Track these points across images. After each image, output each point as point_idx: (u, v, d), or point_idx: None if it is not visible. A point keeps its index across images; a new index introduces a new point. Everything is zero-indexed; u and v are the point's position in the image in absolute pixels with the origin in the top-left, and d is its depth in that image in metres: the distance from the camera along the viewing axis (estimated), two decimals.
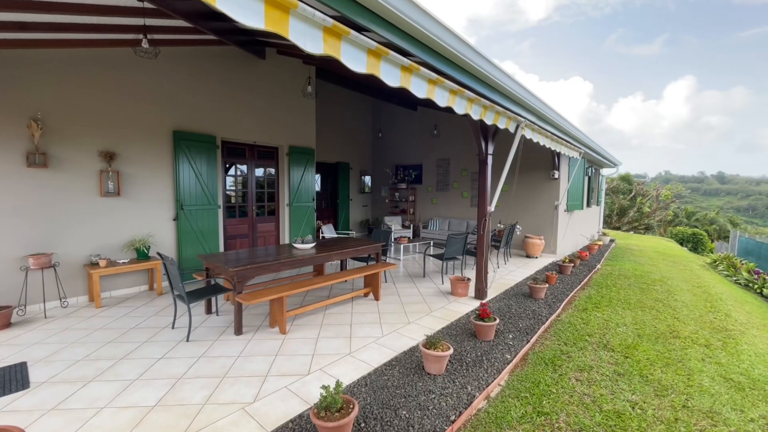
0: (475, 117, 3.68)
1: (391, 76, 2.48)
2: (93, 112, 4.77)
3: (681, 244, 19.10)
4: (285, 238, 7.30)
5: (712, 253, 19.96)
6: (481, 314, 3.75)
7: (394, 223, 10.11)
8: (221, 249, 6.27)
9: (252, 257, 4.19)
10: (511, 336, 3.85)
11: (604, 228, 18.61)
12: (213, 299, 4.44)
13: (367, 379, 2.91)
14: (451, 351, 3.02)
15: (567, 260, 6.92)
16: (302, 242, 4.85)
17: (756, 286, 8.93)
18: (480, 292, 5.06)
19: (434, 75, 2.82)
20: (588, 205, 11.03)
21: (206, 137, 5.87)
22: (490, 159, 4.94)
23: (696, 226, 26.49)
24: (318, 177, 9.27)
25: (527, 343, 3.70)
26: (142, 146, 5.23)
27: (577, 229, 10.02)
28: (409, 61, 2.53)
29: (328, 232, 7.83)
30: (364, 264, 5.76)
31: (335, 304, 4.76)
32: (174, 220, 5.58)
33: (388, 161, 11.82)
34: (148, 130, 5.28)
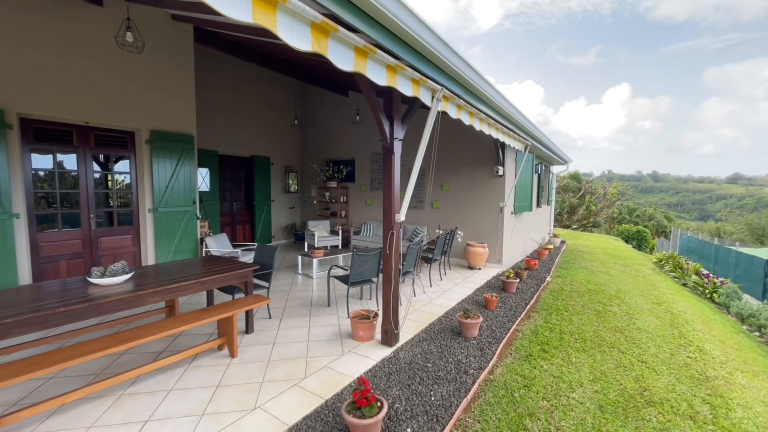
0: (344, 66, 2.15)
1: None
2: None
3: (626, 241, 19.26)
4: (148, 256, 5.38)
5: (653, 250, 20.45)
6: (357, 401, 2.22)
7: (318, 229, 8.44)
8: (26, 279, 4.26)
9: None
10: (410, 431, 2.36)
11: (555, 227, 18.26)
12: None
13: None
14: None
15: (511, 275, 5.68)
16: (105, 274, 3.06)
17: (707, 291, 8.37)
18: (388, 336, 3.56)
19: None
20: (538, 205, 10.09)
21: None
22: (398, 147, 3.45)
23: (637, 222, 27.54)
24: (203, 171, 7.23)
25: None
26: None
27: (527, 232, 8.97)
28: None
29: (216, 245, 6.00)
30: (231, 297, 4.06)
31: (159, 371, 3.03)
32: None
33: (318, 155, 10.13)
34: None
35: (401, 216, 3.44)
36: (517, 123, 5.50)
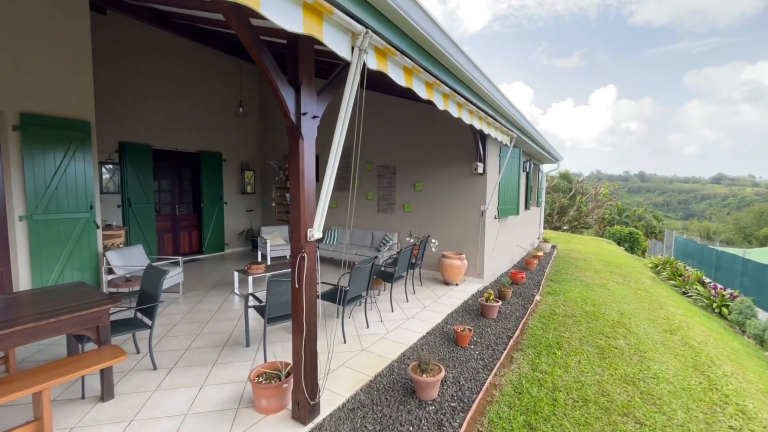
0: None
1: None
2: None
3: (618, 243, 18.47)
4: (20, 278, 4.11)
5: (646, 252, 19.71)
6: None
7: (273, 236, 7.24)
8: None
9: None
10: None
11: (545, 229, 17.34)
12: None
13: None
14: None
15: (492, 296, 4.57)
16: None
17: (714, 305, 7.42)
18: (301, 409, 2.40)
19: None
20: (527, 207, 9.04)
21: None
22: (309, 127, 2.30)
23: (627, 223, 26.91)
24: (111, 169, 5.94)
25: None
26: None
27: (513, 239, 7.90)
28: None
29: (122, 260, 4.75)
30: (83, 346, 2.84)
31: None
32: None
33: (280, 151, 8.91)
34: None
35: (316, 231, 2.28)
36: (497, 107, 4.39)
